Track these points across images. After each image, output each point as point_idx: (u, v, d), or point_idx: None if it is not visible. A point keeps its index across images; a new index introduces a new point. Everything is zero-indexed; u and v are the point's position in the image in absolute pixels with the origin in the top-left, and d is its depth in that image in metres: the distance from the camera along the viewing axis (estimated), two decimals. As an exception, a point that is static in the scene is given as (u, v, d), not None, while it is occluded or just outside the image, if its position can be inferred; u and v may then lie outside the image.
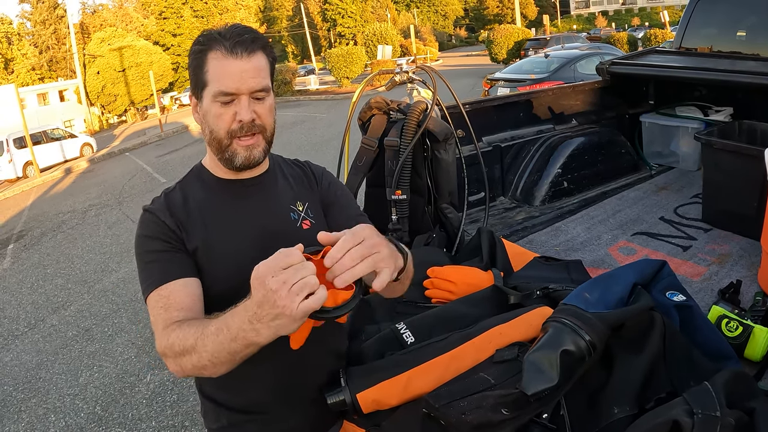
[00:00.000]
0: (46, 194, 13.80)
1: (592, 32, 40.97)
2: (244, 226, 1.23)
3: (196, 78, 1.16)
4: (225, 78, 1.12)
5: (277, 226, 1.25)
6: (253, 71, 1.13)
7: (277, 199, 1.30)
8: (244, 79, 1.12)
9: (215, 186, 1.26)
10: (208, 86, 1.14)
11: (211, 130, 1.17)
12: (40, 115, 28.15)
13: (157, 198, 1.26)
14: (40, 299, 6.19)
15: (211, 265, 1.18)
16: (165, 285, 1.12)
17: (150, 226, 1.19)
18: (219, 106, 1.14)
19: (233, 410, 1.25)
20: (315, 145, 12.39)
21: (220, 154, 1.19)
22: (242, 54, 1.12)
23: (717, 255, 2.17)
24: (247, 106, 1.14)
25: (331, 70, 25.44)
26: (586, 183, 3.13)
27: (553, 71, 10.32)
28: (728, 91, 3.29)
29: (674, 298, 1.32)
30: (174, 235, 1.18)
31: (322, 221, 1.33)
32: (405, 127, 2.12)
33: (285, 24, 62.65)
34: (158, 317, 1.09)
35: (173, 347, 1.01)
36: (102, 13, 48.57)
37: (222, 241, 1.20)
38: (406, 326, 1.37)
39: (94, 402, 3.84)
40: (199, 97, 1.17)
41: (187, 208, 1.22)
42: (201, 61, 1.14)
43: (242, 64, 1.12)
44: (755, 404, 0.98)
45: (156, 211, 1.21)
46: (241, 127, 1.15)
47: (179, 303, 1.10)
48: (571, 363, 1.05)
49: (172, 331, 1.03)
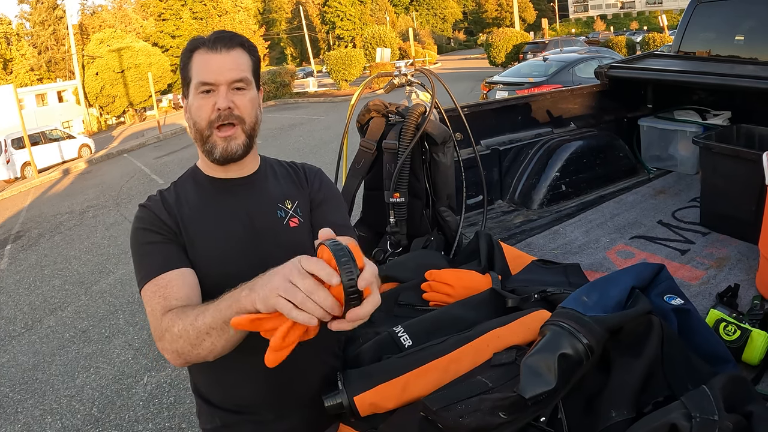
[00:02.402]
0: (44, 195, 13.78)
1: (590, 36, 41.20)
2: (231, 222, 1.26)
3: (183, 77, 1.24)
4: (205, 70, 1.19)
5: (264, 224, 1.28)
6: (232, 63, 1.20)
7: (265, 197, 1.32)
8: (222, 71, 1.19)
9: (206, 184, 1.30)
10: (192, 81, 1.20)
11: (194, 122, 1.22)
12: (38, 115, 28.15)
13: (152, 196, 1.30)
14: (37, 300, 6.18)
15: (199, 261, 1.21)
16: (163, 275, 1.14)
17: (146, 220, 1.23)
18: (200, 98, 1.19)
19: (227, 411, 1.26)
20: (313, 147, 12.40)
21: (203, 146, 1.24)
22: (221, 49, 1.19)
23: (715, 259, 2.17)
24: (224, 95, 1.19)
25: (329, 73, 25.46)
26: (585, 186, 3.13)
27: (551, 75, 10.35)
28: (726, 95, 3.30)
29: (672, 302, 1.32)
30: (169, 229, 1.22)
31: (308, 223, 1.34)
32: (403, 130, 2.11)
33: (284, 26, 62.75)
34: (157, 305, 1.10)
35: (172, 329, 1.04)
36: (101, 14, 48.60)
37: (209, 237, 1.23)
38: (403, 329, 1.36)
39: (91, 404, 3.83)
40: (186, 95, 1.24)
41: (179, 206, 1.26)
42: (187, 61, 1.22)
43: (221, 58, 1.19)
44: (753, 408, 0.98)
45: (152, 207, 1.25)
46: (219, 115, 1.19)
47: (177, 292, 1.12)
48: (569, 366, 1.05)
49: (173, 315, 1.06)
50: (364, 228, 2.40)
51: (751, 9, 3.39)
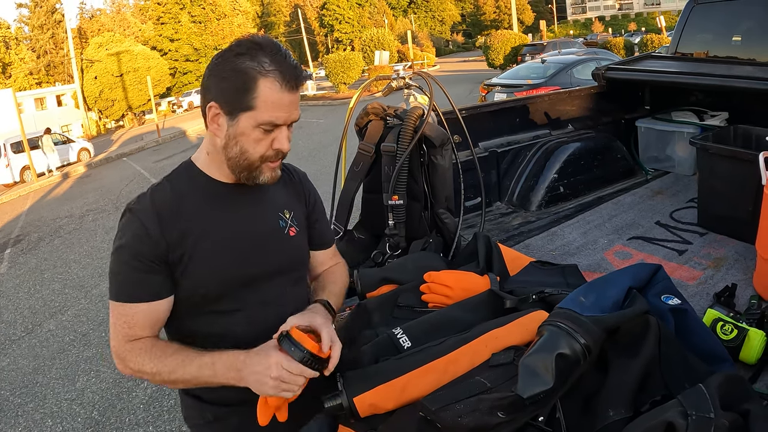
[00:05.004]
0: (43, 199, 13.78)
1: (588, 38, 41.22)
2: (240, 227, 1.26)
3: (237, 96, 1.13)
4: (277, 110, 1.15)
5: (267, 232, 1.30)
6: (297, 102, 1.19)
7: (269, 205, 1.33)
8: (290, 112, 1.18)
9: (213, 189, 1.26)
10: (254, 111, 1.13)
11: (243, 151, 1.17)
12: (37, 119, 28.13)
13: (143, 196, 1.22)
14: (37, 304, 6.18)
15: (202, 266, 1.20)
16: (132, 305, 1.17)
17: (130, 236, 1.16)
18: (261, 133, 1.16)
19: (216, 404, 1.29)
20: (312, 150, 12.40)
21: (245, 172, 1.21)
22: (293, 88, 1.16)
23: (712, 259, 2.18)
24: (287, 137, 1.19)
25: (328, 76, 25.47)
26: (582, 188, 3.14)
27: (549, 77, 10.36)
28: (724, 96, 3.31)
29: (669, 302, 1.32)
30: (156, 248, 1.16)
31: (304, 231, 1.41)
32: (402, 133, 2.12)
33: (282, 29, 62.73)
34: (121, 328, 1.18)
35: (143, 366, 1.15)
36: (100, 18, 48.59)
37: (215, 242, 1.22)
38: (402, 331, 1.37)
39: (92, 407, 3.83)
40: (234, 116, 1.15)
41: (175, 211, 1.20)
42: (250, 84, 1.12)
43: (292, 98, 1.16)
44: (750, 406, 0.99)
45: (142, 216, 1.17)
46: (277, 155, 1.20)
47: (142, 324, 1.18)
48: (567, 366, 1.05)
49: (141, 351, 1.16)
50: (362, 231, 2.41)
51: (748, 10, 3.41)
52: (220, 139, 1.18)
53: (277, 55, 1.14)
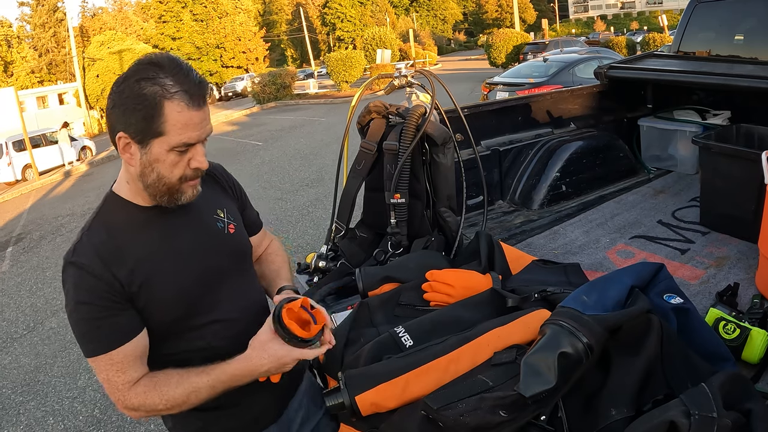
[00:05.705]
0: (45, 197, 13.80)
1: (590, 36, 41.17)
2: (184, 249, 1.23)
3: (145, 124, 1.08)
4: (188, 130, 1.10)
5: (211, 240, 1.29)
6: (206, 116, 1.14)
7: (204, 212, 1.30)
8: (202, 128, 1.13)
9: (145, 216, 1.21)
10: (165, 136, 1.09)
11: (160, 177, 1.13)
12: (39, 118, 28.12)
13: (79, 245, 1.15)
14: (39, 302, 6.19)
15: (158, 294, 1.17)
16: (116, 350, 1.12)
17: (83, 290, 1.11)
18: (176, 155, 1.12)
19: (206, 410, 1.25)
20: (314, 148, 12.40)
21: (165, 197, 1.17)
22: (201, 104, 1.11)
23: (715, 258, 2.17)
24: (202, 154, 1.16)
25: (330, 74, 25.46)
26: (585, 187, 3.14)
27: (551, 75, 10.34)
28: (726, 94, 3.30)
29: (672, 301, 1.32)
30: (112, 290, 1.12)
31: (241, 223, 1.41)
32: (404, 131, 2.12)
33: (284, 28, 62.79)
34: (115, 379, 1.14)
35: (155, 406, 1.14)
36: (101, 17, 48.69)
37: (163, 269, 1.19)
38: (404, 330, 1.37)
39: (93, 405, 3.83)
40: (146, 143, 1.10)
41: (117, 247, 1.15)
42: (156, 110, 1.07)
43: (201, 114, 1.12)
44: (752, 406, 0.98)
45: (85, 265, 1.11)
46: (196, 171, 1.16)
47: (133, 364, 1.15)
48: (569, 365, 1.05)
49: (147, 390, 1.14)
50: (364, 229, 2.41)
51: (751, 9, 3.40)
52: (135, 167, 1.13)
53: (178, 73, 1.08)
